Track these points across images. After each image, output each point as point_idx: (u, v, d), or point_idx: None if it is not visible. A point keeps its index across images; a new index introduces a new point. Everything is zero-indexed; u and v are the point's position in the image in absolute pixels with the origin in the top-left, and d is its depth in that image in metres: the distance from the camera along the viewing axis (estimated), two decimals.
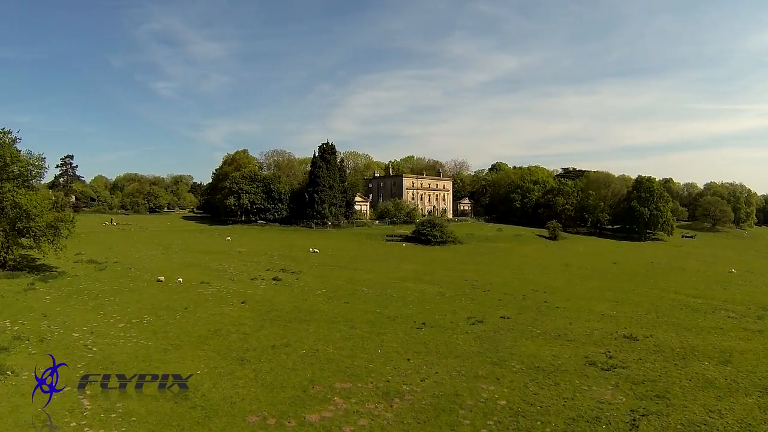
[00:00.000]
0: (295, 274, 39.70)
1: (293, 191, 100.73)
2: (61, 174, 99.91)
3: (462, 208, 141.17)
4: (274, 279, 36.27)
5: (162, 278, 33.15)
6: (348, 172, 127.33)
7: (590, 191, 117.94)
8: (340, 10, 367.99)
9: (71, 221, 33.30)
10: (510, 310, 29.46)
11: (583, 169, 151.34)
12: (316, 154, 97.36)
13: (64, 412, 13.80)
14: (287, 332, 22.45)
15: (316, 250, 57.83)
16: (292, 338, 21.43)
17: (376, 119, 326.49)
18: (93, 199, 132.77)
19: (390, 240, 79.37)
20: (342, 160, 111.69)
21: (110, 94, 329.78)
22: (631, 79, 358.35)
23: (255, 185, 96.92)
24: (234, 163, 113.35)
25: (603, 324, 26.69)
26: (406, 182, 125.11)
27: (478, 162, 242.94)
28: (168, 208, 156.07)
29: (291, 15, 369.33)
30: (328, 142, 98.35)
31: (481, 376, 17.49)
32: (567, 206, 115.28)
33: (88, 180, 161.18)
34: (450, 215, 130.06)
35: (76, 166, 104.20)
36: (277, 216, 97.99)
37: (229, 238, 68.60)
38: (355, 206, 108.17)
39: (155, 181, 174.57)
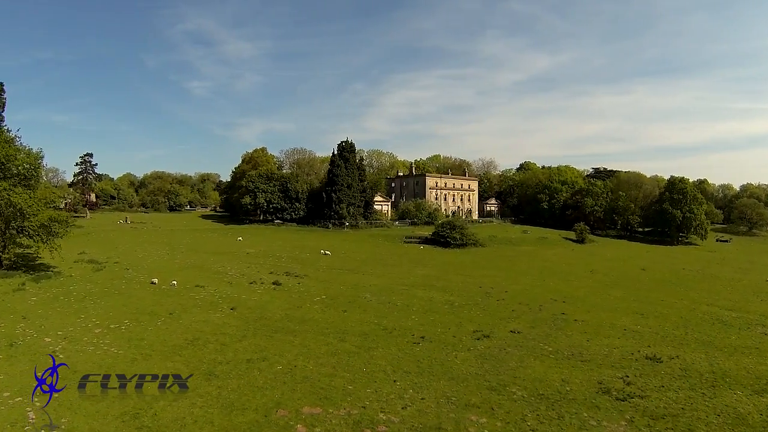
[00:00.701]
0: (298, 277, 38.06)
1: (311, 190, 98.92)
2: (80, 172, 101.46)
3: (488, 208, 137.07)
4: (274, 283, 34.67)
5: (156, 280, 32.00)
6: (372, 170, 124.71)
7: (620, 192, 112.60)
8: (371, 10, 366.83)
9: (65, 221, 32.62)
10: (522, 322, 27.18)
11: (615, 169, 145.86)
12: (335, 152, 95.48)
13: (6, 424, 12.79)
14: (269, 344, 20.75)
15: (327, 252, 56.09)
16: (272, 351, 19.71)
17: (410, 118, 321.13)
18: (113, 197, 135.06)
19: (408, 242, 76.59)
20: (362, 159, 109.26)
21: (145, 94, 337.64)
22: (665, 79, 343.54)
23: (272, 184, 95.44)
24: (252, 161, 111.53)
25: (624, 341, 24.22)
26: (430, 182, 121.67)
27: (511, 162, 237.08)
28: (190, 206, 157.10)
29: (323, 15, 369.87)
30: (347, 140, 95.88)
31: (473, 404, 15.33)
32: (596, 208, 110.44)
33: (115, 177, 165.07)
34: (475, 216, 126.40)
35: (96, 164, 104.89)
36: (294, 216, 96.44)
37: (240, 238, 67.42)
38: (376, 206, 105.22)
39: (182, 179, 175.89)
